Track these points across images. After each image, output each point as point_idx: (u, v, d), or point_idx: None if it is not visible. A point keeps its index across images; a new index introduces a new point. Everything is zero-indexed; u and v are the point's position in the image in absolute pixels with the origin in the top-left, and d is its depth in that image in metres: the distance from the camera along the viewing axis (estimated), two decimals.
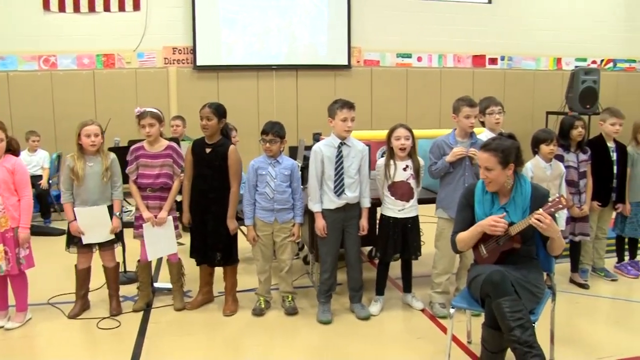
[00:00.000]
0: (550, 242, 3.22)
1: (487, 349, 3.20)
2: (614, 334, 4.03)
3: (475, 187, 3.42)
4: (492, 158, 3.21)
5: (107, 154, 4.26)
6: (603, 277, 5.12)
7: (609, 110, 5.06)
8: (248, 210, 4.29)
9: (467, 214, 3.42)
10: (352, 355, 3.73)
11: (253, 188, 4.28)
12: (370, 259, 5.60)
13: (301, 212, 4.36)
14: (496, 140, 3.30)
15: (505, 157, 3.20)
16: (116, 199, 4.30)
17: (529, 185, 3.31)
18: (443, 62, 10.22)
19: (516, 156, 3.25)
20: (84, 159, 4.16)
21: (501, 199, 3.33)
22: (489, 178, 3.25)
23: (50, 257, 5.18)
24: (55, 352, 3.78)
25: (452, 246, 3.50)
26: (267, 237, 4.33)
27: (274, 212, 4.26)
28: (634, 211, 5.09)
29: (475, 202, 3.37)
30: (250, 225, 4.31)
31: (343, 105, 4.14)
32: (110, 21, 8.75)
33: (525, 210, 3.23)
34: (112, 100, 8.59)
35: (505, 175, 3.25)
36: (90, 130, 4.13)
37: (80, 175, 4.12)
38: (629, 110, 6.50)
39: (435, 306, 4.36)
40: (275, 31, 9.37)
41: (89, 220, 4.17)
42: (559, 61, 10.79)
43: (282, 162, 4.29)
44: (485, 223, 3.22)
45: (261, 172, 4.25)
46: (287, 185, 4.27)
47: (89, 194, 4.18)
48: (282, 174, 4.25)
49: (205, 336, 4.03)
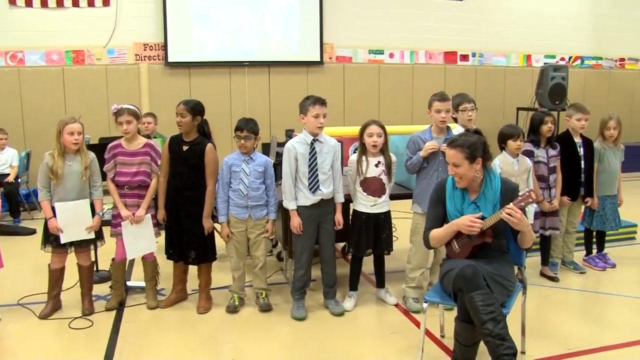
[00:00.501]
0: (520, 235, 3.27)
1: (460, 343, 3.23)
2: (583, 325, 4.11)
3: (446, 182, 3.45)
4: (458, 154, 3.25)
5: (87, 153, 4.20)
6: (572, 270, 5.21)
7: (574, 106, 5.14)
8: (222, 207, 4.28)
9: (438, 211, 3.45)
10: (327, 351, 3.75)
11: (227, 185, 4.26)
12: (344, 255, 5.63)
13: (275, 209, 4.36)
14: (462, 137, 3.35)
15: (471, 153, 3.24)
16: (97, 199, 4.24)
17: (498, 179, 3.35)
18: (415, 59, 10.29)
19: (483, 151, 3.29)
20: (63, 157, 4.10)
21: (471, 194, 3.37)
22: (458, 174, 3.29)
23: (20, 257, 5.11)
24: (27, 353, 3.72)
25: (425, 243, 3.53)
26: (241, 234, 4.32)
27: (248, 208, 4.26)
28: (602, 205, 5.19)
29: (447, 198, 3.40)
30: (224, 222, 4.30)
31: (315, 102, 4.14)
32: (79, 17, 8.61)
33: (496, 205, 3.27)
34: (82, 97, 8.49)
35: (474, 170, 3.28)
36: (73, 128, 4.07)
37: (59, 174, 4.05)
38: (596, 106, 6.65)
39: (409, 301, 4.40)
40: (247, 27, 9.33)
41: (69, 216, 4.11)
42: (529, 58, 10.96)
43: (256, 158, 4.29)
44: (461, 222, 3.25)
45: (235, 169, 4.24)
46: (260, 182, 4.27)
47: (67, 193, 4.11)
48: (256, 171, 4.25)
49: (179, 334, 4.01)
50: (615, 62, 11.54)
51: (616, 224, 5.24)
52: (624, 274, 5.19)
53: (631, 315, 4.30)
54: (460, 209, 3.34)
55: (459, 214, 3.33)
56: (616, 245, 5.86)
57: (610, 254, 5.42)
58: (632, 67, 11.66)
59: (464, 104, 4.61)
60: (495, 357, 2.95)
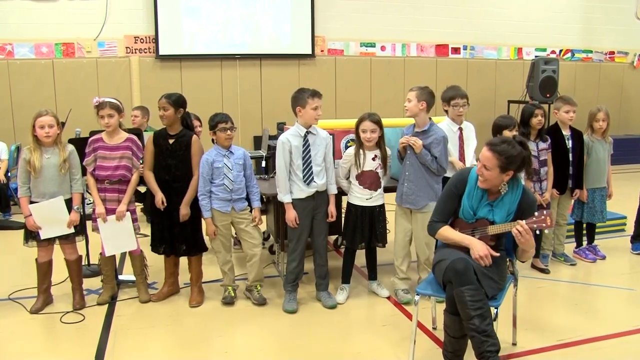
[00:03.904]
0: (521, 251, 3.28)
1: (449, 335, 3.25)
2: (573, 316, 4.15)
3: (469, 176, 3.36)
4: (493, 159, 3.14)
5: (65, 146, 4.17)
6: (563, 262, 5.25)
7: (562, 98, 5.15)
8: (205, 203, 4.26)
9: (452, 204, 3.41)
10: (319, 344, 3.76)
11: (208, 182, 4.24)
12: (336, 248, 5.64)
13: (258, 197, 4.37)
14: (505, 143, 3.17)
15: (507, 164, 3.14)
16: (75, 192, 4.20)
17: (521, 189, 3.27)
18: (406, 52, 10.28)
19: (519, 166, 3.19)
20: (40, 150, 4.07)
21: (490, 195, 3.31)
22: (484, 176, 3.20)
23: (11, 252, 5.09)
24: (18, 348, 3.71)
25: (430, 231, 3.48)
26: (225, 227, 4.33)
27: (231, 202, 4.27)
28: (591, 197, 5.22)
29: (465, 192, 3.35)
30: (208, 218, 4.28)
31: (314, 94, 4.17)
32: (69, 9, 8.52)
33: (510, 214, 3.23)
34: (72, 90, 8.42)
35: (501, 180, 3.21)
36: (44, 121, 4.03)
37: (36, 167, 4.02)
38: (586, 99, 6.68)
39: (399, 292, 4.42)
40: (239, 20, 9.28)
41: (45, 215, 4.08)
42: (520, 51, 10.97)
43: (235, 152, 4.30)
44: (477, 248, 3.19)
45: (217, 165, 4.23)
46: (242, 175, 4.30)
47: (47, 187, 4.09)
48: (237, 164, 4.27)
49: (171, 328, 4.01)
50: (605, 55, 11.57)
51: (603, 216, 5.28)
52: (613, 265, 5.23)
53: (621, 307, 4.34)
54: (475, 207, 3.32)
55: (472, 211, 3.31)
56: (606, 237, 5.90)
57: (600, 246, 5.46)
58: (621, 61, 11.70)
59: (457, 98, 4.61)
60: (479, 353, 2.97)
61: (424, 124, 4.25)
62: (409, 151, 4.24)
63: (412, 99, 4.23)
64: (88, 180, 4.26)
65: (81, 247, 4.47)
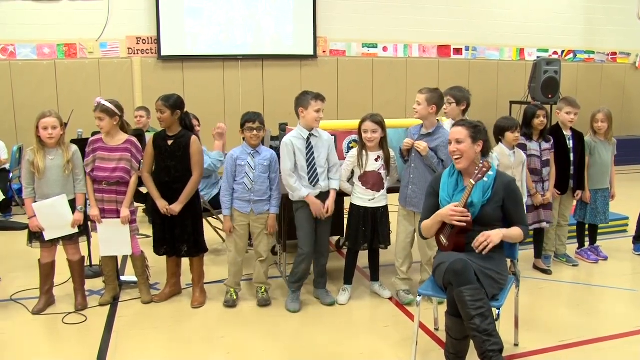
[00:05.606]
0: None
1: (451, 337, 3.24)
2: (575, 317, 4.14)
3: (442, 174, 3.50)
4: (463, 131, 3.36)
5: (69, 147, 4.17)
6: (565, 262, 5.24)
7: (565, 99, 5.15)
8: (226, 200, 4.27)
9: (432, 202, 3.49)
10: (321, 345, 3.76)
11: (232, 178, 4.25)
12: (338, 249, 5.63)
13: (277, 203, 4.34)
14: (467, 120, 3.57)
15: (475, 133, 3.36)
16: (79, 193, 4.20)
17: (494, 170, 3.36)
18: (409, 52, 10.28)
19: (484, 139, 3.41)
20: (43, 151, 4.07)
21: (465, 180, 3.39)
22: (460, 150, 3.33)
23: (13, 252, 5.09)
24: (20, 348, 3.71)
25: (419, 233, 3.58)
26: (242, 228, 4.32)
27: (251, 203, 4.25)
28: (593, 198, 5.21)
29: (440, 188, 3.44)
30: (227, 216, 4.29)
31: (317, 97, 4.18)
32: (71, 9, 8.54)
33: (487, 190, 3.30)
34: (74, 91, 8.43)
35: (474, 152, 3.35)
36: (47, 122, 4.02)
37: (40, 168, 4.02)
38: (588, 100, 6.68)
39: (400, 293, 4.41)
40: (241, 21, 9.30)
41: (48, 214, 4.08)
42: (522, 52, 10.97)
43: (262, 152, 4.28)
44: (444, 213, 3.30)
45: (240, 163, 4.23)
46: (266, 177, 4.27)
47: (50, 188, 4.09)
48: (262, 165, 4.24)
49: (173, 328, 4.01)
50: (607, 56, 11.57)
51: (605, 217, 5.27)
52: (616, 266, 5.22)
53: (623, 308, 4.34)
54: (451, 194, 3.37)
55: (450, 199, 3.36)
56: (608, 238, 5.89)
57: (602, 247, 5.45)
58: (623, 61, 11.70)
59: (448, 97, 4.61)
60: (481, 353, 2.97)
61: (431, 126, 4.25)
62: (414, 154, 4.23)
63: (421, 102, 4.20)
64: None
65: (83, 248, 4.47)
